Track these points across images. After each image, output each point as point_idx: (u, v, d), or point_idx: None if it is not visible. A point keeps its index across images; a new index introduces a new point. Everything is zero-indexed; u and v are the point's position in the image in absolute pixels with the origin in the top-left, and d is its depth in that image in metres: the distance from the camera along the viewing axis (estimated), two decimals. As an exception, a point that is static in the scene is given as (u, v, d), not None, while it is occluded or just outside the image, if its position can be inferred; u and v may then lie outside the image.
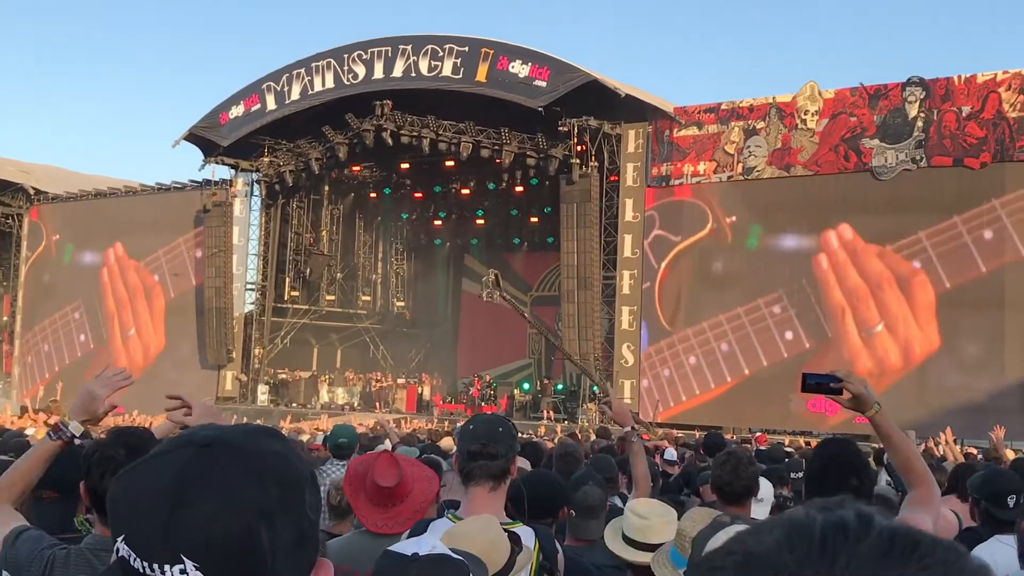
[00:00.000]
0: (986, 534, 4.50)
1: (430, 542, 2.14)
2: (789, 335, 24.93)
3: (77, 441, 3.05)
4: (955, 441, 12.76)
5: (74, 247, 38.23)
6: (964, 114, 23.42)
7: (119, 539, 1.09)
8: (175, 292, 35.15)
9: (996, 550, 4.22)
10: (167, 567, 1.06)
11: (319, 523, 1.18)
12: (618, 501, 5.67)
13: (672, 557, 2.90)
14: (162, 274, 35.67)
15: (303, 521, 1.14)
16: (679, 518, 3.29)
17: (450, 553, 2.04)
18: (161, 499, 1.08)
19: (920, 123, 23.85)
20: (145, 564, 1.06)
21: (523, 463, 5.47)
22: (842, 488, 3.23)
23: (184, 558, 1.05)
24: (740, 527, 2.43)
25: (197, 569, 1.05)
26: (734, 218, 26.02)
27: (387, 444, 9.72)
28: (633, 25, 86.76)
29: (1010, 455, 11.24)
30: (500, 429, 3.29)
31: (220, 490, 1.09)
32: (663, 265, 26.89)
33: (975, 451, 13.03)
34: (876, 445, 14.38)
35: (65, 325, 38.18)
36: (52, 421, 14.51)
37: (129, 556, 1.08)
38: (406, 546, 2.15)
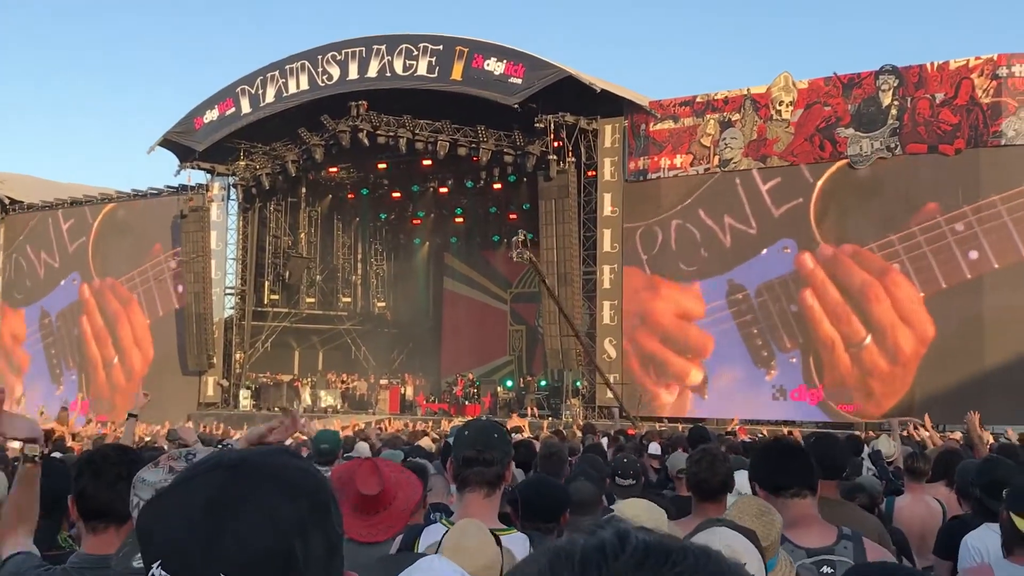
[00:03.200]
0: (974, 523, 4.51)
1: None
2: (974, 254, 23.07)
3: (36, 456, 3.01)
4: (936, 427, 12.83)
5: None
6: (938, 101, 23.55)
7: (155, 565, 1.10)
8: (161, 308, 34.77)
9: (987, 537, 4.24)
10: None
11: (343, 535, 1.22)
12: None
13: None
14: (141, 291, 35.30)
15: (331, 533, 1.17)
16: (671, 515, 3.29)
17: None
18: (198, 521, 1.10)
19: (894, 111, 23.97)
20: None
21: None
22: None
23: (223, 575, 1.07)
24: (722, 529, 2.46)
25: None
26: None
27: (364, 447, 9.70)
28: (607, 19, 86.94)
29: (988, 438, 11.32)
30: (495, 435, 3.30)
31: (256, 508, 1.11)
32: (820, 182, 24.95)
33: (958, 436, 13.10)
34: (858, 433, 14.46)
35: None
36: (63, 431, 14.41)
37: None
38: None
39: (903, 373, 23.47)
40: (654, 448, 9.63)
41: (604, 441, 11.25)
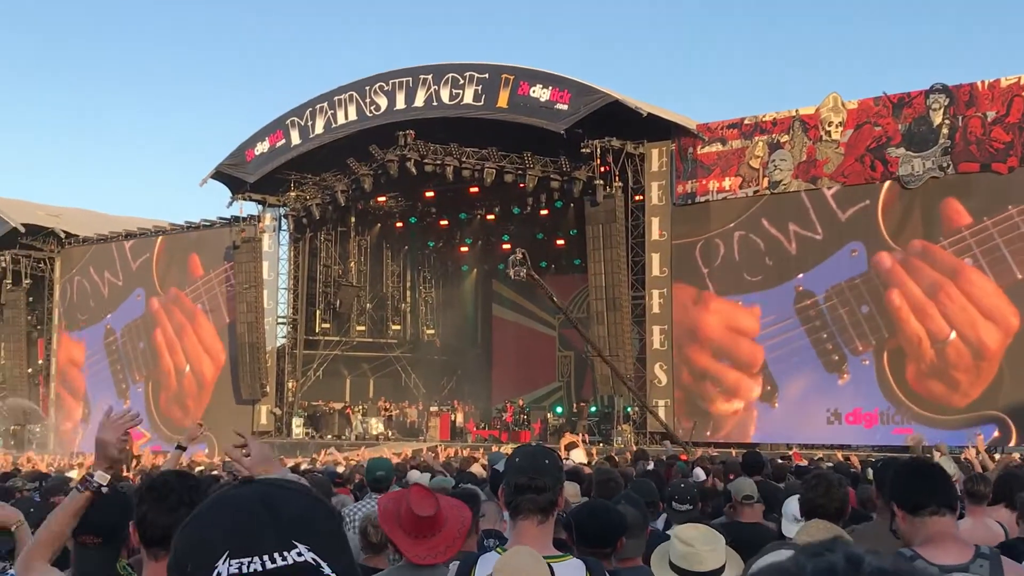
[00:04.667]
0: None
1: None
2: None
3: (104, 490, 3.07)
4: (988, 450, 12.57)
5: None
6: (989, 119, 23.24)
7: (219, 562, 1.14)
8: (227, 316, 35.16)
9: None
10: (285, 552, 1.15)
11: None
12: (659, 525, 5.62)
13: None
14: (206, 300, 35.87)
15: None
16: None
17: None
18: (256, 507, 1.19)
19: (945, 130, 23.68)
20: (265, 558, 1.14)
21: (573, 488, 5.43)
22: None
23: (296, 543, 1.16)
24: (787, 551, 2.42)
25: (309, 550, 1.16)
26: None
27: (417, 475, 9.66)
28: (652, 43, 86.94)
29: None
30: (547, 461, 3.24)
31: (301, 494, 1.23)
32: (887, 182, 24.60)
33: (1017, 457, 12.85)
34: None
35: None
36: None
37: (240, 565, 1.14)
38: None
39: (989, 367, 23.00)
40: (698, 474, 9.50)
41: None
